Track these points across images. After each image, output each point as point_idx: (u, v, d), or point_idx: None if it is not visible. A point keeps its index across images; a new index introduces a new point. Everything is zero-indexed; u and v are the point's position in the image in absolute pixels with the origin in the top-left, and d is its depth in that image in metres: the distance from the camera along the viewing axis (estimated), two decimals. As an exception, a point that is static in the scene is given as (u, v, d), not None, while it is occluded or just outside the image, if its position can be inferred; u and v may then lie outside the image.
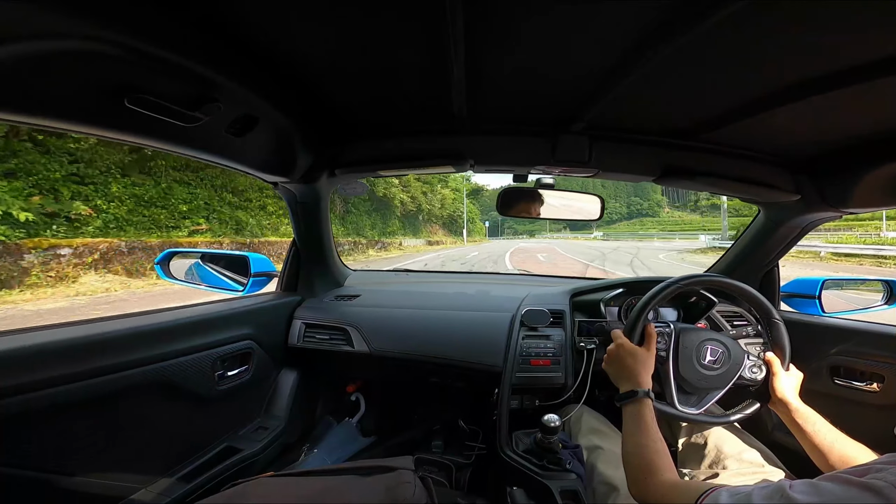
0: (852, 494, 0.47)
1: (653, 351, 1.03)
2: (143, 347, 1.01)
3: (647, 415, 0.87)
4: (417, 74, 0.90)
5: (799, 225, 1.42)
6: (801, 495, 0.50)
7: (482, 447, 1.59)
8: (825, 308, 1.48)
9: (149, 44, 0.63)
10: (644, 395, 0.91)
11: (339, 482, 0.89)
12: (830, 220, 1.42)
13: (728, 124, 1.02)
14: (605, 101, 0.95)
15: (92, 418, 0.92)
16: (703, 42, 0.68)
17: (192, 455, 1.19)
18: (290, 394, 1.55)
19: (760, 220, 1.51)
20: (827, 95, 0.80)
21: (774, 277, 1.58)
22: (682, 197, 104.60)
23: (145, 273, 9.33)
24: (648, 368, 0.99)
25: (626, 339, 1.05)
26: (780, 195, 1.26)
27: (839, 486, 0.49)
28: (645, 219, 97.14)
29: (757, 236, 1.54)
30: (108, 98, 0.68)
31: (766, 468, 1.03)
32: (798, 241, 1.50)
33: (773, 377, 1.06)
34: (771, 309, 1.13)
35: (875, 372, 1.18)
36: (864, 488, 0.47)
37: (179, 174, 12.17)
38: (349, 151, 1.31)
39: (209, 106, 0.79)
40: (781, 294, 1.58)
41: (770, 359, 1.08)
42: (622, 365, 1.01)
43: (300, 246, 1.67)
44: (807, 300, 1.51)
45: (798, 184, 1.25)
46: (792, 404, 0.99)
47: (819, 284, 1.49)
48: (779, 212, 1.41)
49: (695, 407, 1.09)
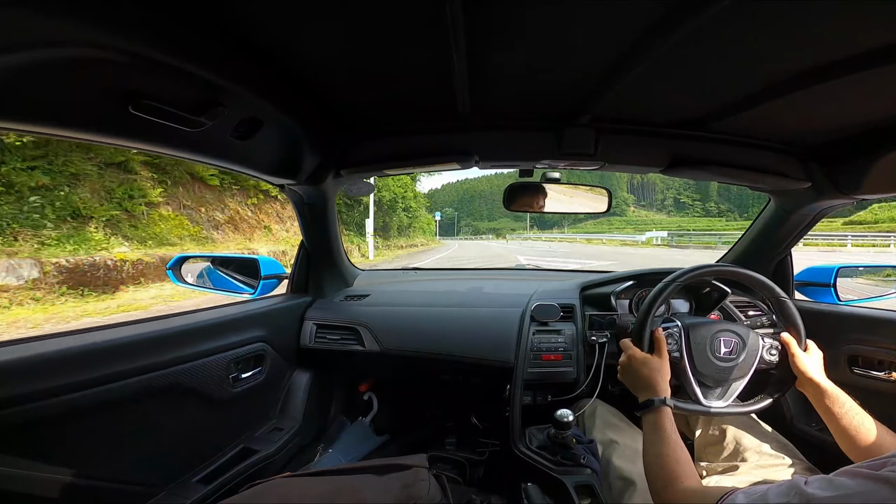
0: (869, 488, 0.47)
1: (665, 356, 1.01)
2: (159, 352, 1.03)
3: (667, 423, 0.85)
4: (421, 72, 0.90)
5: (811, 213, 1.40)
6: (818, 491, 0.50)
7: (495, 443, 1.59)
8: (841, 296, 1.46)
9: (152, 49, 0.63)
10: (661, 404, 0.90)
11: (354, 481, 0.89)
12: (843, 207, 1.40)
13: (736, 113, 1.01)
14: (611, 93, 0.95)
15: (111, 423, 0.94)
16: (708, 31, 0.67)
17: (210, 457, 1.21)
18: (303, 394, 1.57)
19: (771, 209, 1.49)
20: (836, 82, 0.78)
21: (787, 266, 1.56)
22: (648, 195, 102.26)
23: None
24: (664, 375, 0.97)
25: (636, 349, 1.03)
26: (790, 183, 1.25)
27: (855, 481, 0.49)
28: (613, 218, 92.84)
29: (768, 225, 1.52)
30: (112, 105, 0.68)
31: (785, 460, 1.01)
32: (810, 229, 1.48)
33: (792, 358, 1.03)
34: (773, 287, 1.10)
35: (894, 360, 1.16)
36: (881, 481, 0.46)
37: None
38: (354, 151, 1.31)
39: (214, 110, 0.79)
40: (795, 283, 1.56)
41: (786, 339, 1.06)
42: (637, 375, 0.99)
43: (308, 247, 1.68)
44: (822, 289, 1.49)
45: (808, 171, 1.24)
46: (821, 384, 0.96)
47: (834, 272, 1.47)
48: (789, 200, 1.39)
49: (721, 399, 1.06)
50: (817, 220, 1.43)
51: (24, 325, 5.05)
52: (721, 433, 1.14)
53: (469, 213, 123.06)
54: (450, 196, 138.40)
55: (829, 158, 1.19)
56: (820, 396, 0.95)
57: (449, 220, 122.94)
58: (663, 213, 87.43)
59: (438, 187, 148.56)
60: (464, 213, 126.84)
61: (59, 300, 6.06)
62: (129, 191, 8.62)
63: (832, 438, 1.12)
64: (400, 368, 1.70)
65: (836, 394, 0.93)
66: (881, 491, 0.45)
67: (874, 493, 0.46)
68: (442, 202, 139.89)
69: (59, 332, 0.91)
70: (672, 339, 1.09)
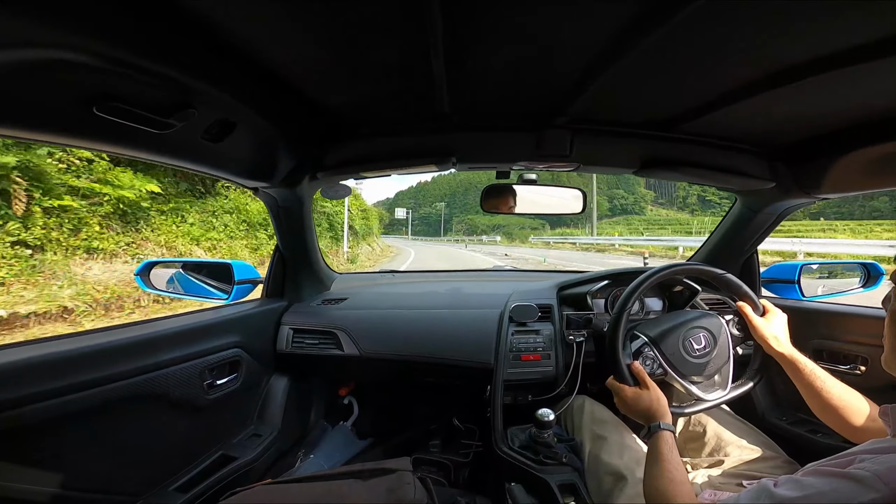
0: (836, 486, 0.48)
1: (651, 384, 1.01)
2: (128, 360, 0.99)
3: (663, 446, 0.86)
4: (399, 73, 0.89)
5: (775, 212, 1.46)
6: (787, 492, 0.51)
7: (479, 445, 1.59)
8: (805, 292, 1.52)
9: (119, 50, 0.61)
10: (657, 429, 0.91)
11: (339, 486, 0.89)
12: (805, 206, 1.46)
13: (705, 114, 1.04)
14: (587, 94, 0.96)
15: (81, 433, 0.91)
16: (680, 34, 0.69)
17: (187, 465, 1.18)
18: (282, 400, 1.54)
19: (738, 209, 1.54)
20: (799, 84, 0.81)
21: (754, 264, 1.62)
22: (667, 192, 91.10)
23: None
24: (660, 401, 0.97)
25: (624, 387, 1.03)
26: (756, 183, 1.29)
27: (822, 479, 0.50)
28: (632, 217, 78.55)
29: (735, 224, 1.57)
30: (75, 106, 0.66)
31: (766, 453, 1.05)
32: (774, 228, 1.54)
33: (751, 325, 1.07)
34: (709, 269, 1.14)
35: (858, 354, 1.21)
36: (848, 478, 0.48)
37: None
38: (331, 154, 1.29)
39: (184, 112, 0.77)
40: (762, 280, 1.62)
41: (740, 307, 1.10)
42: (635, 411, 1.00)
43: (283, 251, 1.65)
44: (787, 285, 1.55)
45: (773, 171, 1.28)
46: (785, 353, 0.99)
47: (798, 269, 1.53)
48: (755, 199, 1.44)
49: (720, 388, 1.09)
50: (781, 219, 1.49)
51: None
52: (702, 429, 1.17)
53: (464, 207, 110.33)
54: (442, 189, 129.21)
55: (794, 159, 1.23)
56: (794, 370, 0.97)
57: (435, 219, 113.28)
58: (686, 211, 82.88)
59: (429, 180, 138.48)
60: (458, 209, 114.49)
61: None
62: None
63: (801, 430, 1.17)
64: (380, 372, 1.69)
65: (810, 367, 0.95)
66: (848, 489, 0.46)
67: (841, 490, 0.47)
68: (434, 196, 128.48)
69: (23, 342, 0.88)
70: (649, 361, 1.10)
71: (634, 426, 1.11)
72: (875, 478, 0.45)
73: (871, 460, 0.49)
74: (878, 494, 0.43)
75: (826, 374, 0.93)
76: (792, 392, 0.99)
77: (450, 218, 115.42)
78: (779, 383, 1.42)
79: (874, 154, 1.03)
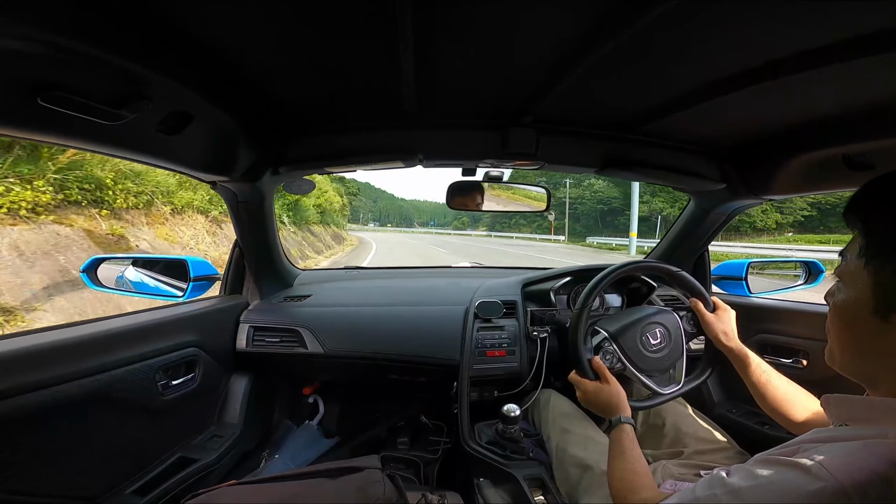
0: (785, 475, 0.50)
1: (611, 379, 1.04)
2: (76, 360, 0.94)
3: (624, 439, 0.89)
4: (365, 68, 0.88)
5: (725, 212, 1.53)
6: (740, 481, 0.54)
7: (447, 441, 1.60)
8: (752, 289, 1.62)
9: (65, 38, 0.57)
10: (617, 423, 0.94)
11: (307, 486, 0.87)
12: (753, 207, 1.55)
13: (662, 117, 1.08)
14: (552, 94, 0.97)
15: (27, 437, 0.85)
16: (640, 38, 0.70)
17: (144, 467, 1.14)
18: (242, 400, 1.50)
19: (691, 209, 1.62)
20: (749, 89, 0.85)
21: (705, 261, 1.71)
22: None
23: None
24: (619, 395, 1.00)
25: (585, 381, 1.05)
26: (708, 184, 1.35)
27: (772, 469, 0.53)
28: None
29: (688, 223, 1.65)
30: (17, 96, 0.62)
31: (720, 444, 1.10)
32: (724, 227, 1.63)
33: (702, 321, 1.12)
34: (664, 266, 1.20)
35: (800, 349, 1.30)
36: (794, 467, 0.50)
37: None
38: (294, 148, 1.26)
39: (137, 103, 0.73)
40: (712, 277, 1.71)
41: (692, 303, 1.15)
42: (596, 404, 1.02)
43: (243, 247, 1.59)
44: (734, 282, 1.65)
45: (724, 173, 1.35)
46: (734, 348, 1.03)
47: (745, 267, 1.63)
48: (707, 200, 1.51)
49: (674, 383, 1.14)
50: (731, 218, 1.58)
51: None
52: (662, 421, 1.21)
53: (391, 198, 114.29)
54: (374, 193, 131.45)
55: (742, 162, 1.30)
56: (742, 365, 1.01)
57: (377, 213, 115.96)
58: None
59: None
60: (386, 200, 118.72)
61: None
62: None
63: (750, 423, 1.23)
64: (345, 370, 1.66)
65: (756, 362, 0.99)
66: (796, 478, 0.49)
67: (790, 479, 0.49)
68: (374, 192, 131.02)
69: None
70: (608, 356, 1.13)
71: (597, 419, 1.15)
72: (819, 466, 0.47)
73: (815, 449, 0.52)
74: (825, 483, 0.45)
75: (771, 370, 0.98)
76: (742, 386, 1.03)
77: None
78: (729, 377, 1.47)
79: (814, 159, 1.10)
